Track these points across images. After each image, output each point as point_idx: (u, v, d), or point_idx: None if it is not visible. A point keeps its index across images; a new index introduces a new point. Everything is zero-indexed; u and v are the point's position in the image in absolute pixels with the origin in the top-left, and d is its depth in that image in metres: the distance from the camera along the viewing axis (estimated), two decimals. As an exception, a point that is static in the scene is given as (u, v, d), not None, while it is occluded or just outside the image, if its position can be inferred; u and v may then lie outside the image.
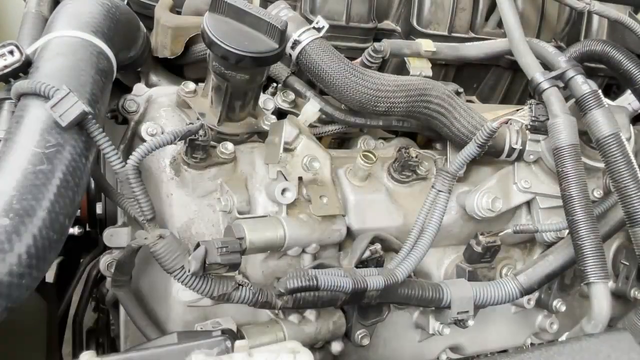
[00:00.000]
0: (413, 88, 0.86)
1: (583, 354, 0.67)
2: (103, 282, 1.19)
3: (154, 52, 0.98)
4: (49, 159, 0.57)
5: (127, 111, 0.85)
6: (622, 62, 1.00)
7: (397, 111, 0.87)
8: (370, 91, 0.84)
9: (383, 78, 0.86)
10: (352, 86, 0.83)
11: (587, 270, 0.75)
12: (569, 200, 0.78)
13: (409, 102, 0.86)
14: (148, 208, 0.68)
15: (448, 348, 1.02)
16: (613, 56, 1.01)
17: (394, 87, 0.85)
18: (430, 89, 0.87)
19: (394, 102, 0.85)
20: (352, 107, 0.86)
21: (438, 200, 0.81)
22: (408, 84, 0.86)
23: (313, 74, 0.85)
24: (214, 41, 0.65)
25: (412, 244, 0.81)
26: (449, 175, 0.82)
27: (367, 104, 0.85)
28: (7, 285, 0.47)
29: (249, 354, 0.57)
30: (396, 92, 0.85)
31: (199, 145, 0.75)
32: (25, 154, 0.57)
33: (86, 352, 0.57)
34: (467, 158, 0.82)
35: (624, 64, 1.00)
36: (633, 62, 1.00)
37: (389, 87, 0.85)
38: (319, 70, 0.84)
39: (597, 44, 1.02)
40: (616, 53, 1.00)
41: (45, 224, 0.52)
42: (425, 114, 0.89)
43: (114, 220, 0.96)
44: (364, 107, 0.86)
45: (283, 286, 0.68)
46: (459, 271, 0.92)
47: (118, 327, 0.92)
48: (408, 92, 0.85)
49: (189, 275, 0.64)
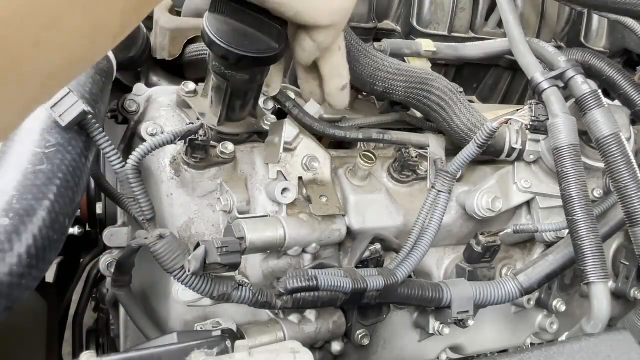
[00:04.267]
0: (415, 75, 0.86)
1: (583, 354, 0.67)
2: (103, 282, 1.19)
3: (153, 52, 0.98)
4: (49, 159, 0.57)
5: (127, 111, 0.85)
6: (603, 69, 1.01)
7: (395, 95, 0.87)
8: (370, 69, 0.85)
9: (386, 59, 0.86)
10: (352, 60, 0.82)
11: (587, 270, 0.75)
12: (568, 200, 0.78)
13: (409, 87, 0.86)
14: (148, 208, 0.68)
15: (448, 348, 1.02)
16: (594, 64, 1.01)
17: (395, 70, 0.86)
18: (432, 80, 0.87)
19: (393, 85, 0.86)
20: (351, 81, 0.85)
21: (438, 200, 0.81)
22: (410, 71, 0.87)
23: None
24: (214, 41, 0.65)
25: (413, 244, 0.81)
26: (449, 175, 0.82)
27: (366, 80, 0.86)
28: (7, 285, 0.47)
29: (249, 354, 0.57)
30: (396, 75, 0.86)
31: (199, 145, 0.75)
32: (25, 153, 0.57)
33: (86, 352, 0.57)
34: (467, 158, 0.82)
35: (605, 70, 1.01)
36: (613, 68, 1.01)
37: (389, 69, 0.86)
38: None
39: (577, 52, 1.02)
40: (597, 61, 1.01)
41: (45, 224, 0.52)
42: (425, 104, 0.89)
43: (114, 220, 0.96)
44: (363, 84, 0.87)
45: (283, 286, 0.68)
46: (459, 271, 0.92)
47: (118, 327, 0.92)
48: (409, 77, 0.86)
49: (189, 275, 0.64)
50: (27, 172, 0.54)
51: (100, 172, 0.84)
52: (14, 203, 0.51)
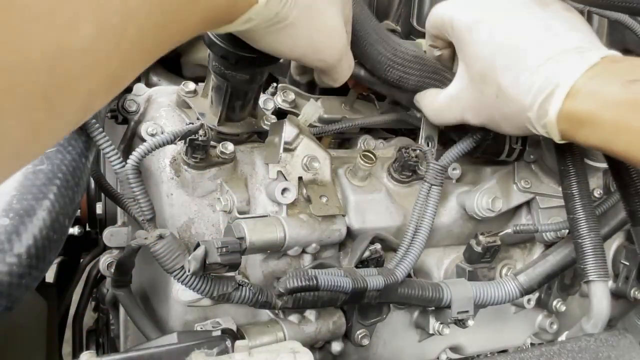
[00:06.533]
0: (429, 64, 0.83)
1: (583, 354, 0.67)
2: (103, 282, 1.19)
3: None
4: (49, 159, 0.57)
5: (127, 111, 0.85)
6: None
7: (408, 83, 0.83)
8: (388, 54, 0.81)
9: (403, 45, 0.82)
10: (368, 45, 0.80)
11: (587, 269, 0.75)
12: (570, 199, 0.78)
13: (422, 76, 0.82)
14: (148, 208, 0.68)
15: (448, 348, 1.02)
16: None
17: (411, 57, 0.82)
18: (443, 71, 0.84)
19: (407, 72, 0.82)
20: (364, 64, 0.83)
21: (430, 194, 0.81)
22: (424, 59, 0.83)
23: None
24: (214, 41, 0.65)
25: (409, 241, 0.81)
26: (440, 167, 0.82)
27: (381, 66, 0.82)
28: (7, 285, 0.47)
29: (249, 354, 0.57)
30: (412, 62, 0.82)
31: (199, 145, 0.75)
32: (25, 154, 0.57)
33: (86, 352, 0.57)
34: (461, 152, 0.82)
35: None
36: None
37: (406, 56, 0.81)
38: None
39: None
40: None
41: (45, 224, 0.52)
42: None
43: (114, 220, 0.96)
44: (376, 69, 0.82)
45: (283, 286, 0.68)
46: (459, 271, 0.92)
47: (118, 327, 0.92)
48: (423, 65, 0.82)
49: (188, 275, 0.64)
50: (27, 172, 0.55)
51: (100, 172, 0.84)
52: (14, 203, 0.51)
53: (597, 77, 0.59)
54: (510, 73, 0.65)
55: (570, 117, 0.61)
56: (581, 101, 0.60)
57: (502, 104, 0.67)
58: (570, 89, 0.60)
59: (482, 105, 0.72)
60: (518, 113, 0.66)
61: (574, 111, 0.60)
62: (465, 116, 0.76)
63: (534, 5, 0.69)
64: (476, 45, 0.70)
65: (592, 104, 0.59)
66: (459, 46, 0.74)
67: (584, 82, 0.59)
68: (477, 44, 0.70)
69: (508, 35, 0.67)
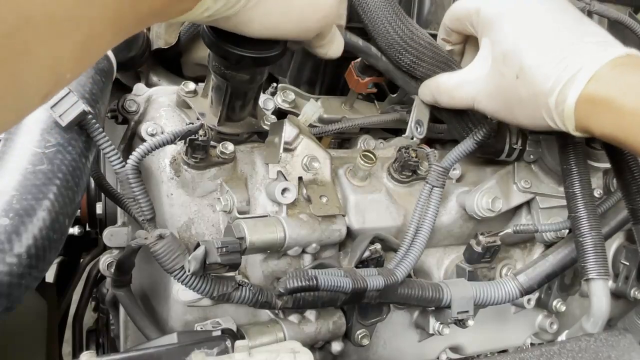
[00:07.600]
0: (442, 54, 0.82)
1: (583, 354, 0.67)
2: (103, 282, 1.19)
3: (152, 45, 0.98)
4: (49, 159, 0.57)
5: (127, 111, 0.85)
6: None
7: (419, 70, 0.82)
8: (405, 36, 0.80)
9: (419, 30, 0.81)
10: (389, 25, 0.79)
11: (588, 267, 0.75)
12: (572, 197, 0.78)
13: (434, 64, 0.81)
14: (148, 208, 0.68)
15: (448, 348, 1.02)
16: None
17: (426, 43, 0.80)
18: (453, 62, 0.83)
19: (420, 58, 0.81)
20: (379, 43, 0.82)
21: (432, 195, 0.81)
22: (438, 47, 0.82)
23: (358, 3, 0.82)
24: (213, 41, 0.65)
25: (410, 242, 0.81)
26: (442, 169, 0.82)
27: (394, 48, 0.81)
28: (7, 285, 0.47)
29: (249, 354, 0.57)
30: (426, 48, 0.80)
31: (199, 145, 0.75)
32: (25, 153, 0.57)
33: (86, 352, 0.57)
34: (462, 153, 0.82)
35: None
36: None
37: (421, 42, 0.80)
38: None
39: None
40: None
41: (45, 224, 0.52)
42: None
43: (113, 220, 0.96)
44: (388, 51, 0.82)
45: (283, 286, 0.68)
46: (459, 271, 0.92)
47: (118, 327, 0.92)
48: (435, 53, 0.81)
49: (188, 275, 0.64)
50: (27, 172, 0.55)
51: (100, 172, 0.84)
52: (13, 203, 0.51)
53: (620, 67, 0.60)
54: (536, 54, 0.65)
55: (589, 100, 0.60)
56: (603, 85, 0.60)
57: (521, 85, 0.66)
58: (594, 73, 0.60)
59: (498, 89, 0.71)
60: (536, 97, 0.65)
61: (594, 95, 0.60)
62: (477, 100, 0.75)
63: (563, 1, 0.70)
64: (503, 26, 0.69)
65: (614, 89, 0.59)
66: (483, 31, 0.73)
67: (608, 70, 0.60)
68: (504, 25, 0.69)
69: (538, 19, 0.67)
